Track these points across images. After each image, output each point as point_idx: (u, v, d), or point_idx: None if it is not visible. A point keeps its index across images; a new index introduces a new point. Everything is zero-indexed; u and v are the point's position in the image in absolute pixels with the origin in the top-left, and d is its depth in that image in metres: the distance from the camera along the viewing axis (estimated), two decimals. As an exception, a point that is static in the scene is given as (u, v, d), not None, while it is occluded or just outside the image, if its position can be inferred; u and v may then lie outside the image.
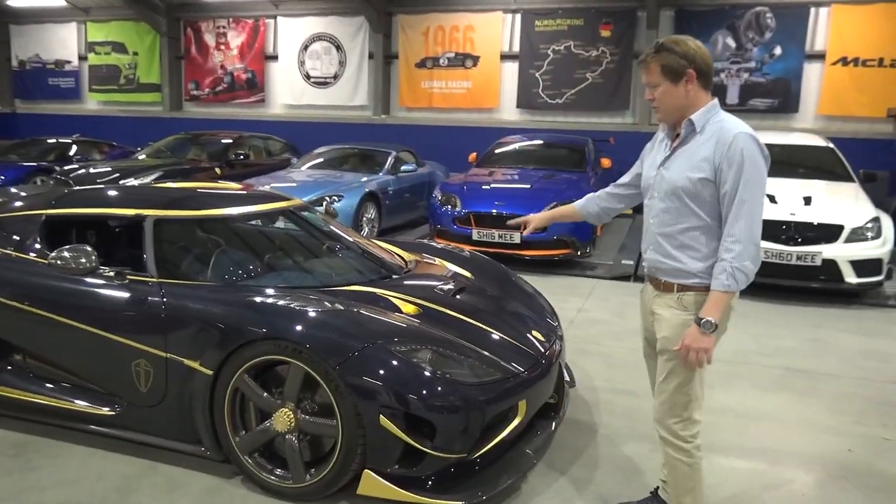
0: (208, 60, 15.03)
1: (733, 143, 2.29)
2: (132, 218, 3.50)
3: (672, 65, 2.36)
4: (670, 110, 2.43)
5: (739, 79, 11.52)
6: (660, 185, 2.47)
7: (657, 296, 2.51)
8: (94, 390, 3.24)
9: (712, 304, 2.30)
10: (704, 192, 2.35)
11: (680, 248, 2.42)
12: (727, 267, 2.27)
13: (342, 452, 2.74)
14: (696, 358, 2.31)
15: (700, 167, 2.34)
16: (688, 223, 2.40)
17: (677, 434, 2.46)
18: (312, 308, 2.94)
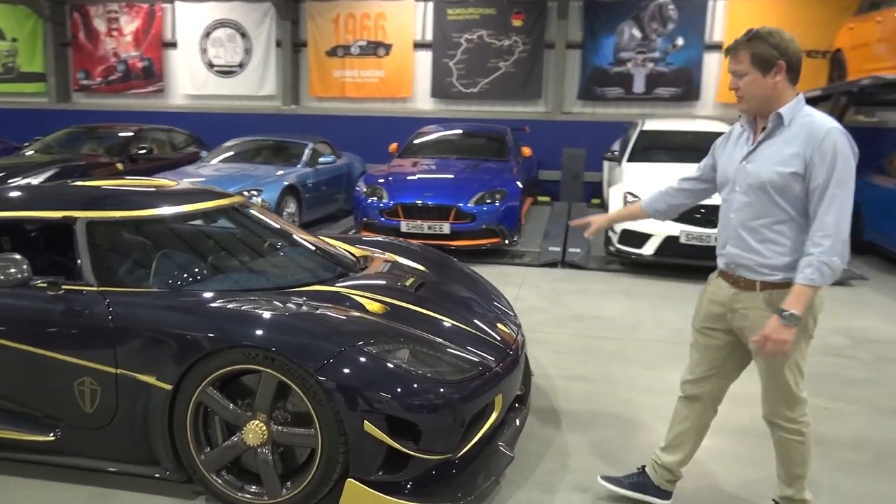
0: (99, 47, 14.03)
1: (826, 138, 2.28)
2: (59, 221, 3.16)
3: (764, 54, 2.34)
4: (755, 101, 2.40)
5: (645, 68, 11.95)
6: (742, 179, 2.46)
7: (736, 293, 2.50)
8: (29, 414, 2.92)
9: (795, 296, 2.29)
10: (793, 186, 2.34)
11: (763, 242, 2.42)
12: (814, 261, 2.27)
13: (322, 462, 2.60)
14: (773, 349, 2.32)
15: (790, 162, 2.34)
16: (773, 217, 2.39)
17: (788, 418, 2.53)
18: (282, 312, 2.76)
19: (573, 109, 12.36)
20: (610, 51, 12.05)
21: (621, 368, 4.46)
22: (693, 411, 2.77)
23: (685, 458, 2.82)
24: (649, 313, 5.72)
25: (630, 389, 4.12)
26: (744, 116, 2.55)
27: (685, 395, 2.79)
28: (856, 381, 4.38)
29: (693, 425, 2.77)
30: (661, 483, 2.85)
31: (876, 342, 5.07)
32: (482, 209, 7.48)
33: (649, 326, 5.38)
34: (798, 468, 2.60)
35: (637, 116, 11.06)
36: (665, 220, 2.98)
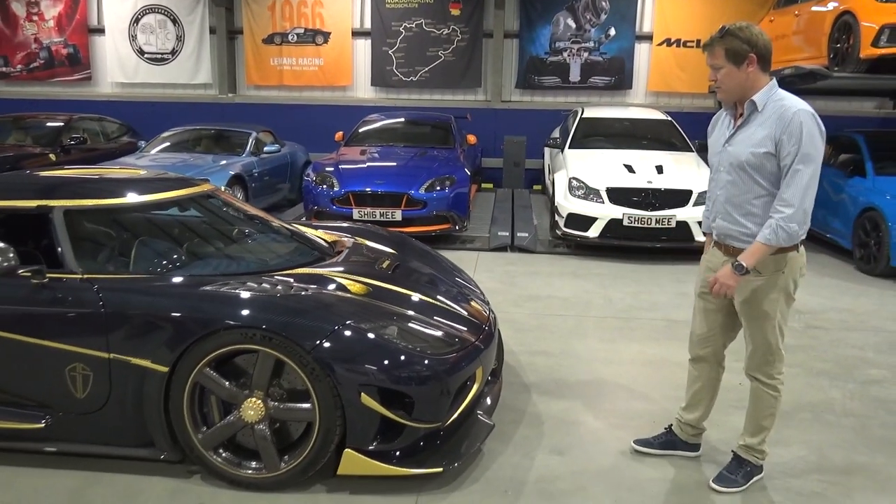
0: (18, 33, 13.33)
1: (793, 119, 2.56)
2: (34, 209, 3.13)
3: (736, 48, 2.60)
4: (732, 91, 2.68)
5: (580, 58, 12.31)
6: (725, 160, 2.76)
7: (727, 260, 2.77)
8: (16, 403, 2.91)
9: (750, 252, 2.62)
10: (767, 164, 2.62)
11: (745, 216, 2.70)
12: (773, 224, 2.57)
13: (320, 435, 2.71)
14: (718, 290, 2.68)
15: (763, 143, 2.61)
16: (752, 193, 2.68)
17: (767, 373, 2.83)
18: (275, 294, 2.85)
19: (512, 98, 12.62)
20: (546, 40, 12.35)
21: (580, 343, 4.72)
22: (702, 371, 3.08)
23: (704, 414, 3.13)
24: (598, 292, 6.02)
25: (590, 362, 4.38)
26: (724, 104, 2.83)
27: (692, 356, 3.10)
28: (790, 347, 4.69)
29: (704, 383, 3.09)
30: (688, 438, 3.18)
31: (804, 313, 5.51)
32: (433, 196, 7.63)
33: (600, 304, 5.67)
34: (766, 420, 2.90)
35: (574, 104, 11.43)
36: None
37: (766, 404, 2.88)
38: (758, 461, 2.96)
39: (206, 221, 3.75)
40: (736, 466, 2.97)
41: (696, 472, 3.08)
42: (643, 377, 4.17)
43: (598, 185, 7.31)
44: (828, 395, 3.97)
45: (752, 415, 2.93)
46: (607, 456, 3.20)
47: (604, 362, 4.38)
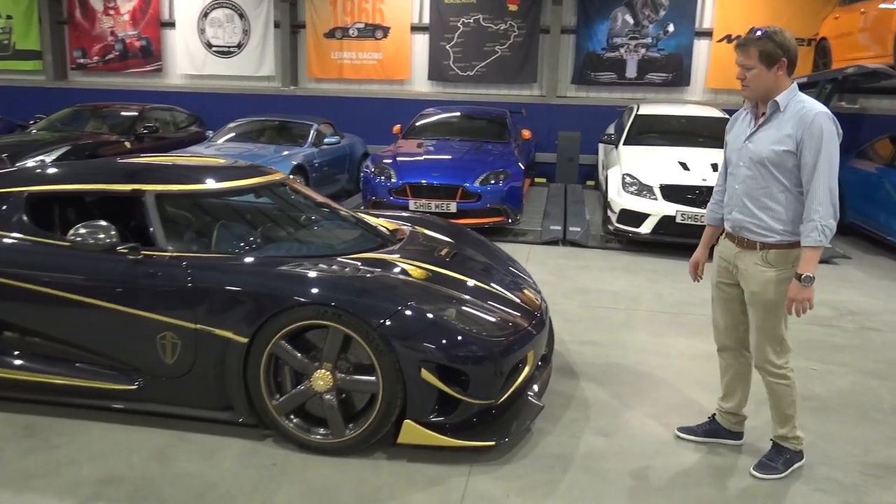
0: (96, 26, 14.05)
1: (814, 122, 2.72)
2: (129, 193, 3.46)
3: (770, 52, 2.76)
4: (758, 91, 2.84)
5: (637, 54, 12.29)
6: (745, 156, 2.90)
7: (740, 252, 2.94)
8: (113, 366, 3.24)
9: (807, 259, 2.74)
10: (787, 162, 2.78)
11: (763, 209, 2.86)
12: (817, 225, 2.70)
13: (382, 406, 2.95)
14: (801, 308, 2.75)
15: (784, 141, 2.78)
16: (770, 188, 2.83)
17: (775, 364, 2.94)
18: (346, 275, 3.10)
19: (567, 93, 12.69)
20: (603, 36, 12.36)
21: (629, 335, 4.85)
22: (730, 359, 3.21)
23: (741, 401, 3.25)
24: (649, 287, 6.11)
25: (639, 353, 4.51)
26: (747, 101, 2.99)
27: (719, 346, 3.24)
28: (841, 346, 4.81)
29: (736, 371, 3.21)
30: (731, 426, 3.30)
31: (858, 314, 5.51)
32: (487, 189, 7.82)
33: (650, 299, 5.77)
34: (788, 409, 3.01)
35: (629, 101, 11.44)
36: None
37: (782, 394, 2.99)
38: (796, 447, 3.08)
39: (278, 208, 4.03)
40: (775, 454, 3.09)
41: (737, 459, 3.20)
42: (691, 370, 4.28)
43: (652, 181, 7.36)
44: (877, 395, 4.01)
45: (774, 407, 3.05)
46: (652, 440, 3.35)
47: (652, 354, 4.51)
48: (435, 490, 2.85)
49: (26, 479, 2.81)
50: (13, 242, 3.34)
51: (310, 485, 2.84)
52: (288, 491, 2.80)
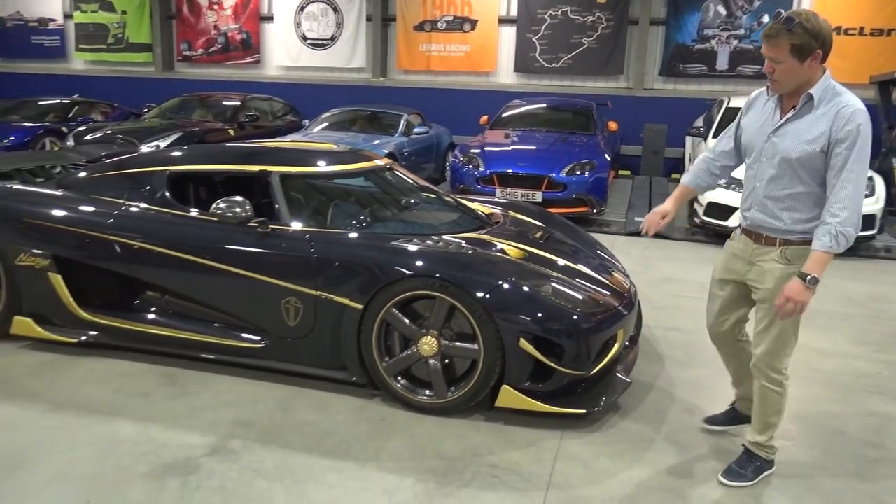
0: (201, 20, 14.95)
1: (850, 120, 2.47)
2: (257, 174, 3.86)
3: (803, 44, 2.46)
4: (789, 86, 2.58)
5: (729, 45, 12.07)
6: (770, 152, 2.66)
7: (757, 248, 2.75)
8: (242, 325, 3.64)
9: (816, 262, 2.52)
10: (816, 161, 2.55)
11: (785, 210, 2.66)
12: (832, 230, 2.48)
13: (483, 371, 3.22)
14: (793, 309, 2.55)
15: (817, 140, 2.53)
16: (796, 188, 2.62)
17: (774, 368, 2.76)
18: (451, 251, 3.39)
19: (654, 86, 12.60)
20: (694, 28, 12.20)
21: (713, 323, 4.93)
22: (728, 347, 3.10)
23: (751, 387, 3.01)
24: (735, 279, 6.13)
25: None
26: (770, 91, 2.71)
27: (712, 337, 3.13)
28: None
29: (737, 358, 3.10)
30: (749, 412, 3.08)
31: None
32: (573, 179, 7.97)
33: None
34: (772, 417, 2.85)
35: (719, 93, 11.26)
36: (702, 192, 3.29)
37: (771, 401, 2.82)
38: (769, 456, 2.93)
39: (385, 190, 4.36)
40: (746, 461, 2.95)
41: (822, 442, 3.30)
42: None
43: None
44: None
45: (757, 412, 2.89)
46: (736, 420, 3.48)
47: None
48: (530, 450, 3.10)
49: (172, 420, 3.23)
50: (157, 214, 3.79)
51: (416, 438, 3.15)
52: (397, 442, 3.11)
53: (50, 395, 3.41)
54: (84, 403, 3.34)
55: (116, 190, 3.96)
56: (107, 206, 3.85)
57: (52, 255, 3.79)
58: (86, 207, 3.86)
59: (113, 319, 3.80)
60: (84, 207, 3.87)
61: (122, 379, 3.62)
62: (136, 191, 3.92)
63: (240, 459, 2.92)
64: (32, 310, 3.90)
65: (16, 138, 10.60)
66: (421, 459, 2.98)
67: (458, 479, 2.85)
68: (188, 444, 3.02)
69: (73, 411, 3.26)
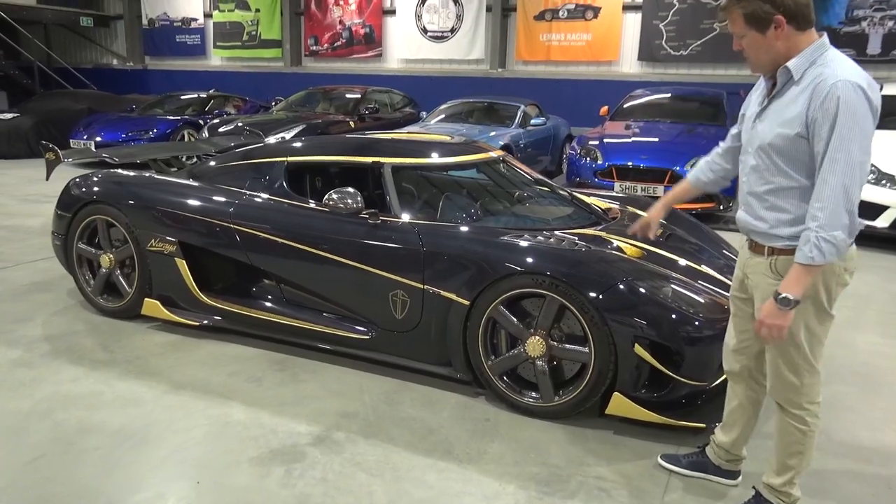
0: (327, 16, 15.44)
1: (830, 93, 2.00)
2: (369, 165, 3.86)
3: (756, 12, 2.09)
4: (763, 62, 2.18)
5: (883, 27, 10.95)
6: (752, 140, 2.26)
7: (750, 257, 2.34)
8: (350, 316, 3.67)
9: (793, 278, 2.07)
10: (797, 149, 2.11)
11: (769, 210, 2.21)
12: (812, 236, 2.03)
13: (593, 376, 3.04)
14: (767, 336, 2.14)
15: (793, 122, 2.10)
16: (777, 183, 2.18)
17: (793, 402, 2.31)
18: (563, 247, 3.23)
19: (794, 73, 11.65)
20: (842, 9, 11.16)
21: (857, 335, 4.46)
22: (738, 387, 2.60)
23: (740, 439, 2.66)
24: (884, 286, 5.54)
25: (868, 354, 4.14)
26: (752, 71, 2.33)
27: (726, 369, 2.61)
28: None
29: (741, 402, 2.60)
30: (721, 463, 2.73)
31: None
32: (698, 173, 7.48)
33: (885, 299, 5.24)
34: (793, 458, 2.37)
35: (871, 81, 10.22)
36: (715, 189, 2.80)
37: (791, 439, 2.34)
38: None
39: (497, 183, 4.25)
40: None
41: None
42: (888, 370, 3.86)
43: (894, 170, 6.60)
44: None
45: (777, 449, 2.42)
46: (882, 446, 3.10)
47: (884, 357, 4.12)
48: (642, 463, 2.90)
49: (281, 406, 3.30)
50: (275, 203, 3.89)
51: (520, 442, 3.03)
52: (500, 445, 3.01)
53: (172, 376, 3.59)
54: (201, 385, 3.48)
55: (239, 180, 4.10)
56: (229, 195, 4.00)
57: (179, 241, 3.98)
58: (209, 196, 4.03)
59: (232, 305, 3.95)
60: (208, 196, 4.03)
61: (238, 363, 3.75)
62: (256, 180, 4.04)
63: (343, 451, 2.92)
64: (161, 292, 4.12)
65: (159, 130, 11.42)
66: (524, 465, 2.86)
67: (562, 489, 2.71)
68: (295, 431, 3.06)
69: (191, 392, 3.41)
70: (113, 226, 4.22)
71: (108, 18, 18.40)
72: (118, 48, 18.55)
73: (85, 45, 19.01)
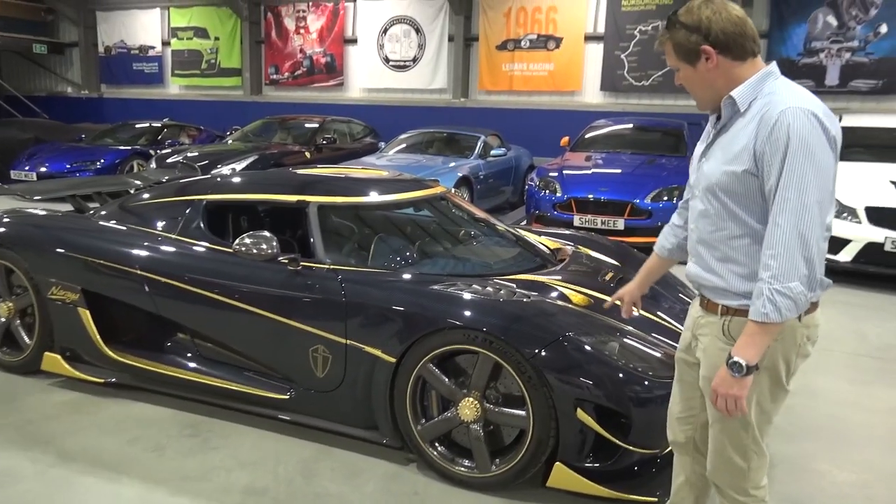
0: (288, 45, 15.19)
1: (778, 122, 1.73)
2: (293, 204, 3.52)
3: (682, 43, 1.87)
4: (703, 98, 1.95)
5: (840, 59, 11.00)
6: (698, 182, 1.98)
7: (701, 315, 2.01)
8: (268, 374, 3.29)
9: (746, 339, 1.78)
10: (748, 188, 1.82)
11: (722, 261, 1.91)
12: (764, 289, 1.74)
13: (532, 443, 2.71)
14: (724, 407, 1.83)
15: (739, 157, 1.82)
16: (729, 230, 1.88)
17: (734, 485, 2.00)
18: (500, 298, 2.91)
19: (755, 104, 11.64)
20: (800, 40, 11.21)
21: (823, 381, 4.19)
22: (683, 459, 2.27)
23: None
24: (850, 325, 5.31)
25: (836, 404, 3.87)
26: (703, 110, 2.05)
27: (670, 439, 2.28)
28: None
29: (687, 478, 2.27)
30: None
31: None
32: (659, 206, 7.29)
33: (851, 339, 5.00)
34: None
35: (830, 111, 10.21)
36: (680, 258, 2.34)
37: None
38: None
39: (437, 222, 3.94)
40: None
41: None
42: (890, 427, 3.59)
43: (856, 203, 6.45)
44: None
45: None
46: (853, 516, 2.80)
47: (853, 407, 3.85)
48: (586, 545, 2.55)
49: (182, 481, 2.89)
50: (187, 247, 3.51)
51: (450, 521, 2.67)
52: (427, 524, 2.64)
53: (64, 443, 3.17)
54: (95, 455, 3.07)
55: (155, 220, 3.73)
56: (138, 238, 3.62)
57: (82, 288, 3.59)
58: (117, 238, 3.65)
59: (140, 360, 3.55)
60: (115, 238, 3.65)
61: (142, 427, 3.34)
62: (173, 221, 3.67)
63: (244, 537, 2.53)
64: (64, 345, 3.71)
65: (106, 161, 10.96)
66: (453, 551, 2.50)
67: (494, 581, 2.35)
68: (193, 512, 2.67)
69: (81, 464, 2.99)
70: (13, 271, 3.81)
71: (62, 45, 17.93)
72: (73, 76, 18.07)
73: (38, 73, 18.49)
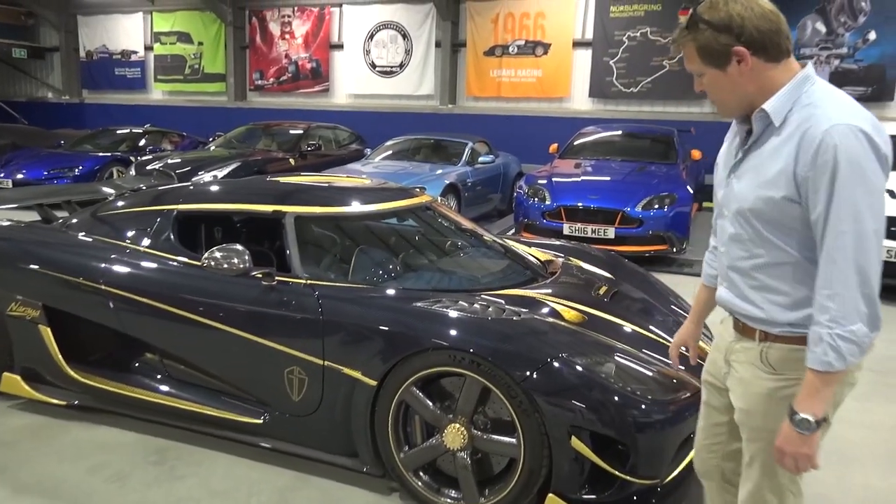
0: (273, 50, 14.97)
1: (823, 144, 1.51)
2: (269, 215, 3.32)
3: (710, 45, 1.64)
4: (730, 105, 1.72)
5: (829, 66, 10.95)
6: (728, 202, 1.76)
7: (735, 340, 1.82)
8: (241, 397, 3.09)
9: (810, 391, 1.56)
10: (788, 215, 1.61)
11: (758, 290, 1.71)
12: (824, 334, 1.53)
13: (523, 473, 2.52)
14: (791, 466, 1.63)
15: (776, 182, 1.60)
16: (766, 258, 1.68)
17: None
18: (488, 316, 2.71)
19: (744, 110, 11.56)
20: (789, 47, 11.15)
21: (823, 397, 4.03)
22: (710, 490, 2.10)
23: None
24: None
25: (839, 423, 3.68)
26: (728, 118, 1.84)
27: (696, 468, 2.12)
28: None
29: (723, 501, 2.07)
30: None
31: None
32: (650, 214, 7.14)
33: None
34: None
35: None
36: None
37: None
38: None
39: (422, 233, 3.75)
40: None
41: None
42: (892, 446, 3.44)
43: None
44: None
45: None
46: (864, 547, 2.63)
47: (853, 425, 3.69)
48: (581, 585, 2.36)
49: (147, 513, 2.69)
50: (156, 260, 3.30)
51: (435, 558, 2.48)
52: (410, 562, 2.45)
53: (19, 473, 2.94)
54: (51, 486, 2.85)
55: (121, 230, 3.51)
56: (104, 250, 3.40)
57: (43, 304, 3.37)
58: (81, 251, 3.43)
59: (105, 381, 3.32)
60: (79, 251, 3.44)
61: (105, 453, 3.12)
62: (141, 232, 3.45)
63: (210, 580, 2.32)
64: (24, 365, 3.48)
65: (85, 168, 10.70)
66: (437, 593, 2.30)
67: None
68: (156, 551, 2.46)
69: (36, 497, 2.77)
70: (-30, 286, 3.58)
71: (43, 50, 17.62)
72: (54, 81, 17.75)
73: (18, 78, 18.16)
